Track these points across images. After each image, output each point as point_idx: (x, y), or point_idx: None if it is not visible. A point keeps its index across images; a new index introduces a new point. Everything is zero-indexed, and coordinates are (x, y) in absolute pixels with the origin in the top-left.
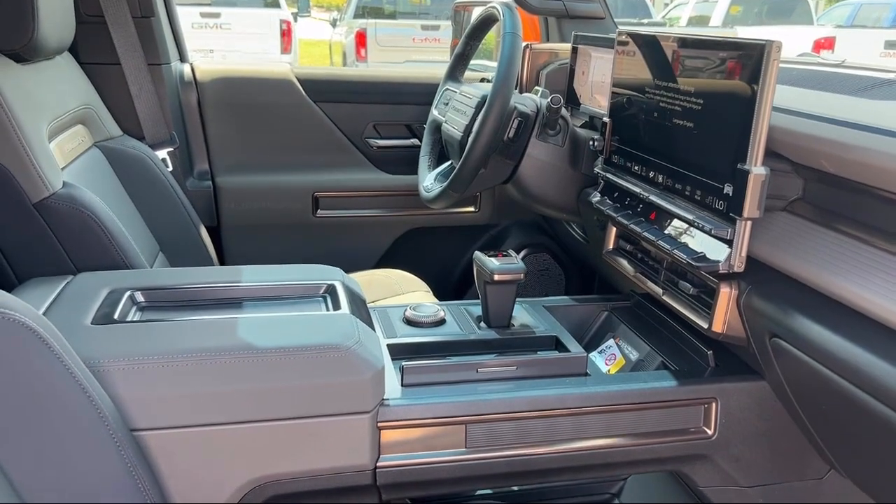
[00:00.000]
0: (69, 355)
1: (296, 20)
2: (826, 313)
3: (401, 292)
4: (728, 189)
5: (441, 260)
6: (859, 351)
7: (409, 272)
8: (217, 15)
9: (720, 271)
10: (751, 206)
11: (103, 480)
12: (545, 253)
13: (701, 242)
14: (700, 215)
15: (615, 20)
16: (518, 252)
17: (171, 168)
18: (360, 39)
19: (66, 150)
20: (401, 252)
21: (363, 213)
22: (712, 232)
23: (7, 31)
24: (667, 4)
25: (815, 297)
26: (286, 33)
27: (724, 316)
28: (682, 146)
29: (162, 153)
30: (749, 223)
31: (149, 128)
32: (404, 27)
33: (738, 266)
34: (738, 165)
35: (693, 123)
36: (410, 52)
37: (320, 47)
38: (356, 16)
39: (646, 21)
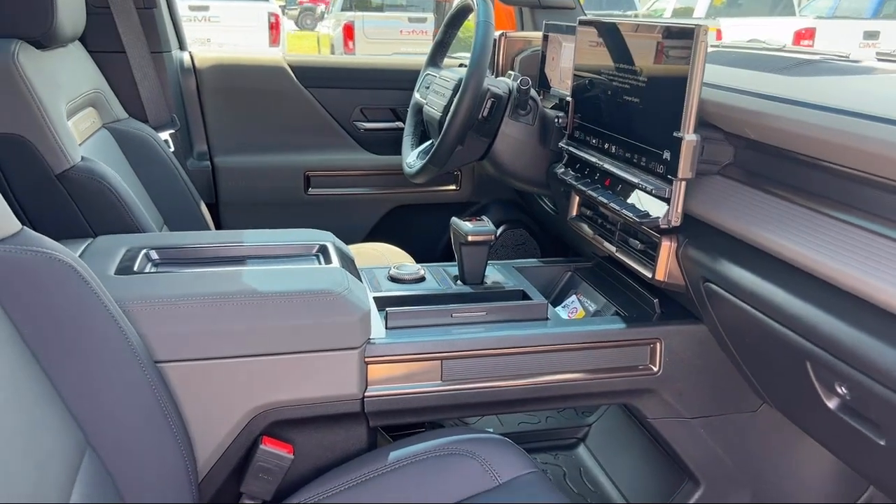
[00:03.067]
0: (104, 293)
1: (283, 13)
2: (751, 260)
3: (387, 264)
4: (666, 155)
5: (425, 235)
6: (778, 290)
7: (396, 246)
8: (206, 8)
9: (661, 226)
10: (684, 168)
11: (135, 403)
12: (522, 228)
13: (646, 203)
14: (644, 178)
15: (601, 13)
16: (497, 227)
17: (172, 149)
18: (348, 32)
19: (81, 130)
20: (387, 227)
21: (352, 190)
22: (653, 192)
23: (30, 21)
24: None
25: (742, 246)
26: (274, 26)
27: (665, 266)
28: (631, 120)
29: (164, 135)
30: (683, 183)
31: (152, 111)
32: (392, 20)
33: (675, 221)
34: (674, 134)
35: (639, 99)
36: (398, 44)
37: (309, 39)
38: (344, 8)
39: (631, 13)
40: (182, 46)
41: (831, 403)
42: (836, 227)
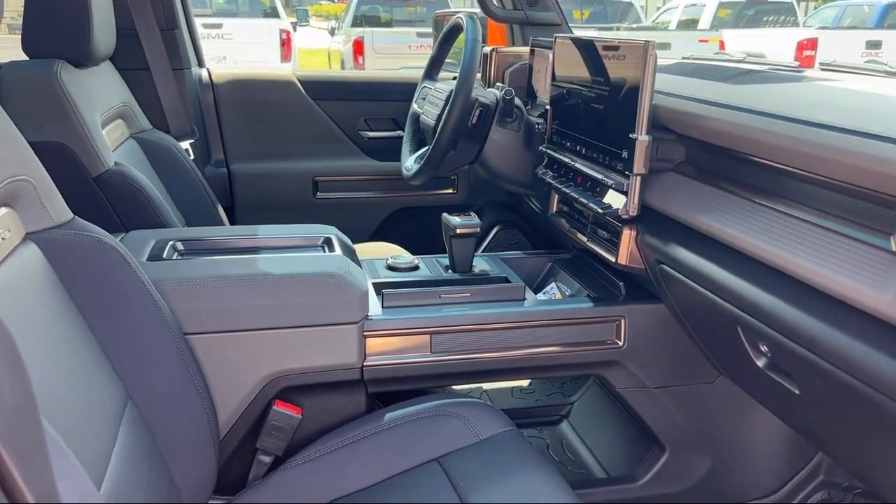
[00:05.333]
0: (142, 273)
1: (295, 30)
2: (697, 244)
3: None
4: (625, 153)
5: (424, 235)
6: (717, 268)
7: (397, 245)
8: (219, 26)
9: (622, 216)
10: (638, 165)
11: (167, 368)
12: (514, 228)
13: (610, 197)
14: (607, 175)
15: (605, 26)
16: (491, 228)
17: (192, 156)
18: (358, 47)
19: (112, 139)
20: (389, 228)
21: (357, 194)
22: (614, 186)
23: (70, 43)
24: (658, 8)
25: (691, 233)
26: (286, 42)
27: (626, 251)
28: (597, 124)
29: (185, 144)
30: (639, 178)
31: (174, 122)
32: (400, 35)
33: (633, 211)
34: (630, 135)
35: (603, 106)
36: (407, 58)
37: (319, 55)
38: (354, 24)
39: (635, 25)
40: (200, 63)
41: (760, 362)
42: (767, 214)
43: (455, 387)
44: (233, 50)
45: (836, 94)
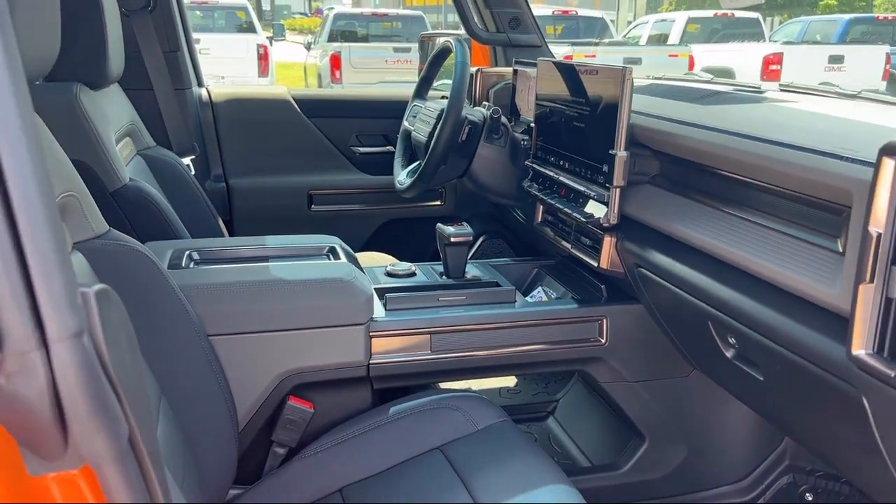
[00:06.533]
0: (171, 279)
1: (271, 44)
2: (671, 249)
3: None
4: (605, 167)
5: (414, 246)
6: (689, 270)
7: (389, 255)
8: (196, 41)
9: (603, 224)
10: (618, 178)
11: (194, 368)
12: (499, 238)
13: (591, 207)
14: (589, 187)
15: (577, 41)
16: (477, 238)
17: (193, 172)
18: (335, 62)
19: (123, 156)
20: (381, 239)
21: (349, 207)
22: (596, 198)
23: (88, 67)
24: (629, 22)
25: (665, 239)
26: (263, 57)
27: (607, 256)
28: (579, 141)
29: (186, 160)
30: (618, 190)
31: (175, 139)
32: (377, 49)
33: (613, 220)
34: (610, 151)
35: (584, 124)
36: (384, 73)
37: (296, 69)
38: (330, 39)
39: (607, 41)
40: (200, 83)
41: (728, 353)
42: (732, 220)
43: (445, 384)
44: (210, 65)
45: (790, 115)
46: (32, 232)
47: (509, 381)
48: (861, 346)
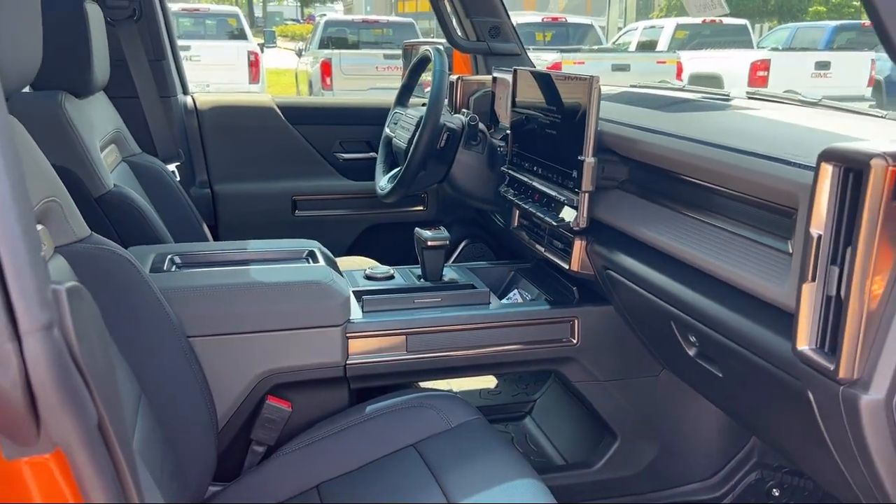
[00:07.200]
0: (152, 282)
1: (262, 51)
2: (639, 252)
3: None
4: (574, 173)
5: (397, 250)
6: (654, 272)
7: (372, 259)
8: (187, 48)
9: (573, 228)
10: (586, 183)
11: (174, 368)
12: (481, 242)
13: (563, 212)
14: (560, 192)
15: (567, 48)
16: (459, 242)
17: (178, 178)
18: (326, 69)
19: (108, 163)
20: (364, 244)
21: (333, 212)
22: (566, 202)
23: (73, 76)
24: (619, 28)
25: (634, 242)
26: (254, 64)
27: (578, 258)
28: (551, 147)
29: (171, 166)
30: (587, 194)
31: (161, 146)
32: (368, 56)
33: (583, 224)
34: (579, 157)
35: (556, 131)
36: (374, 79)
37: (287, 76)
38: (321, 46)
39: (596, 47)
40: (185, 91)
41: (691, 352)
42: (693, 224)
43: (426, 384)
44: (200, 72)
45: (749, 122)
46: (5, 233)
47: (490, 383)
48: (805, 342)
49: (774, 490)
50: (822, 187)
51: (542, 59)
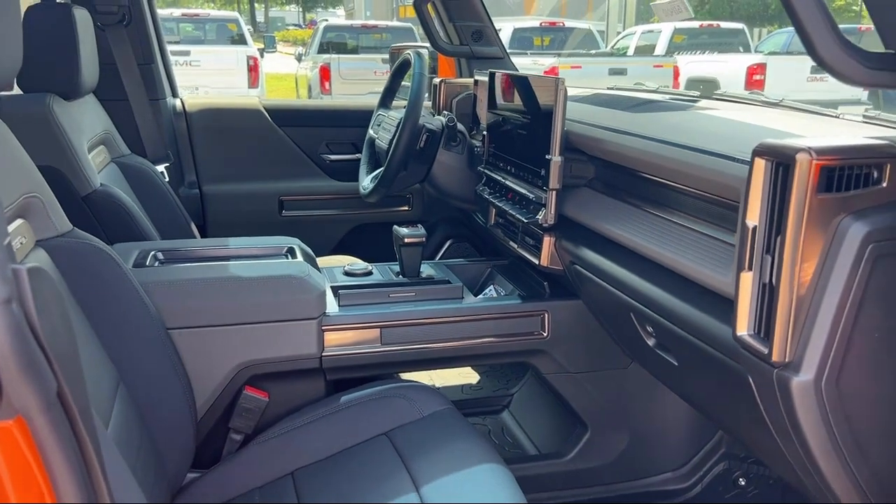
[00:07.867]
0: (132, 275)
1: (262, 56)
2: (602, 247)
3: None
4: (543, 172)
5: (382, 250)
6: (616, 266)
7: (357, 258)
8: (187, 53)
9: (542, 224)
10: (553, 181)
11: (152, 358)
12: (465, 241)
13: (533, 209)
14: (530, 190)
15: (567, 51)
16: (444, 242)
17: (167, 179)
18: (325, 73)
19: (96, 163)
20: (350, 243)
21: (319, 212)
22: (535, 200)
23: (61, 78)
24: (619, 32)
25: (598, 238)
26: (253, 69)
27: (547, 254)
28: (522, 147)
29: (161, 167)
30: (554, 192)
31: (150, 148)
32: (366, 61)
33: (551, 220)
34: (546, 156)
35: (526, 132)
36: (372, 84)
37: (287, 81)
38: (320, 51)
39: (594, 52)
40: (174, 94)
41: (650, 342)
42: (651, 219)
43: (406, 377)
44: (200, 77)
45: (707, 121)
46: None
47: (472, 378)
48: (744, 328)
49: (741, 479)
50: (756, 181)
51: (539, 63)
